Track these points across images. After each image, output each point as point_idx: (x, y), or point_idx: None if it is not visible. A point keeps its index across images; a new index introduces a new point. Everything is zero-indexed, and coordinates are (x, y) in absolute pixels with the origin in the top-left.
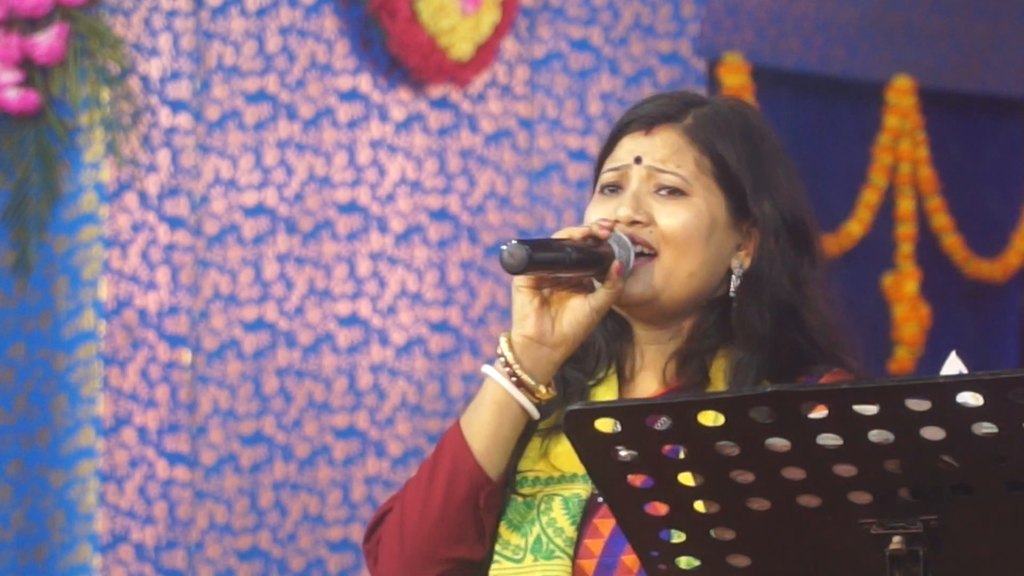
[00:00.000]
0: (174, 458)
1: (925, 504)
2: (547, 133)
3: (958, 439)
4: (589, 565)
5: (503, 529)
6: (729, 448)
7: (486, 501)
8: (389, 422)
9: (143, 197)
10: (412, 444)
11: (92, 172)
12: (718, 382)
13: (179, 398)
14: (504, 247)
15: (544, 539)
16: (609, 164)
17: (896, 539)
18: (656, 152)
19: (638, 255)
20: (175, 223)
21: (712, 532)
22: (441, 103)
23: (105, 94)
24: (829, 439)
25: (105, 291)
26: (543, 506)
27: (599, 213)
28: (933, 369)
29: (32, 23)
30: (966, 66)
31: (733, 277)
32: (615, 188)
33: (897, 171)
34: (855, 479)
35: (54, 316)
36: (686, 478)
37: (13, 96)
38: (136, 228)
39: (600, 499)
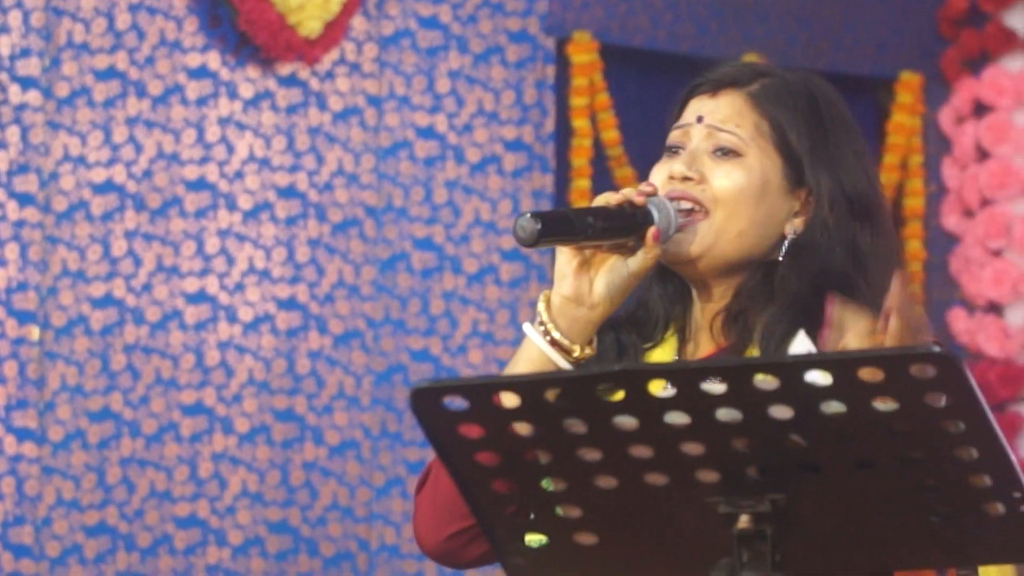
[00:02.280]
0: (22, 434)
1: (773, 483)
2: (395, 111)
3: (806, 418)
4: None
5: None
6: (576, 426)
7: None
8: (236, 399)
9: None
10: (259, 421)
11: None
12: (757, 338)
13: (27, 374)
14: (517, 220)
15: None
16: (675, 125)
17: (743, 518)
18: (718, 112)
19: (687, 211)
20: (24, 200)
21: (559, 510)
22: (290, 81)
23: None
24: (677, 417)
25: None
26: None
27: (660, 172)
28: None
29: None
30: (816, 44)
31: (785, 242)
32: (677, 149)
33: None
34: (703, 457)
35: None
36: (533, 456)
37: None
38: None
39: None
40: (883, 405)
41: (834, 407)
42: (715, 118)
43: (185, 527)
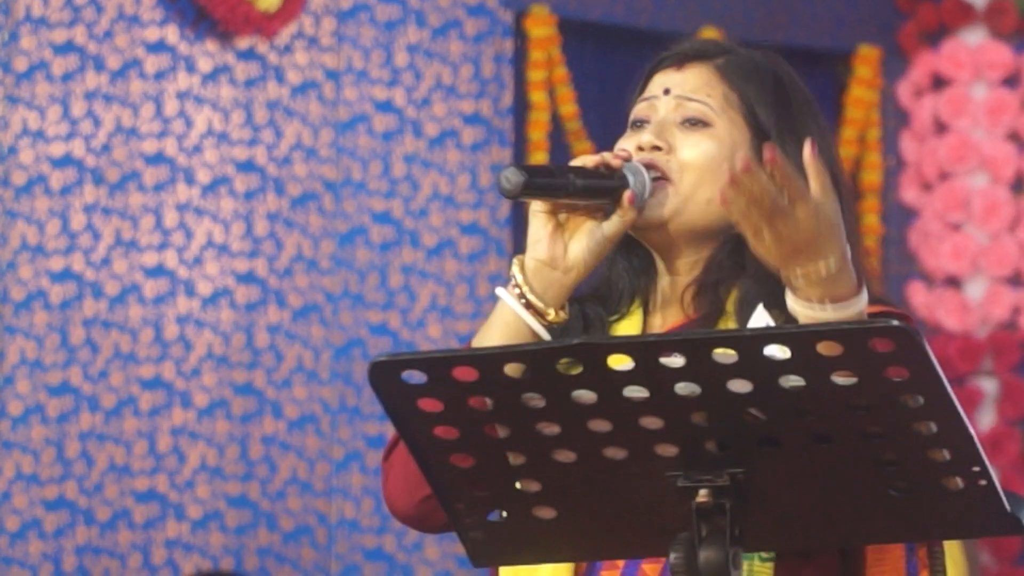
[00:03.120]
0: None
1: (732, 457)
2: (354, 84)
3: (765, 392)
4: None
5: None
6: (535, 400)
7: None
8: (195, 373)
9: None
10: (218, 395)
11: None
12: (730, 310)
13: None
14: (502, 171)
15: None
16: (640, 98)
17: (702, 492)
18: (686, 83)
19: (654, 180)
20: None
21: (518, 484)
22: (248, 55)
23: None
24: (635, 391)
25: None
26: None
27: (627, 144)
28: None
29: None
30: (773, 17)
31: None
32: (643, 122)
33: None
34: (662, 432)
35: None
36: (492, 430)
37: None
38: None
39: None
40: (842, 379)
41: (793, 381)
42: (683, 89)
43: (144, 501)
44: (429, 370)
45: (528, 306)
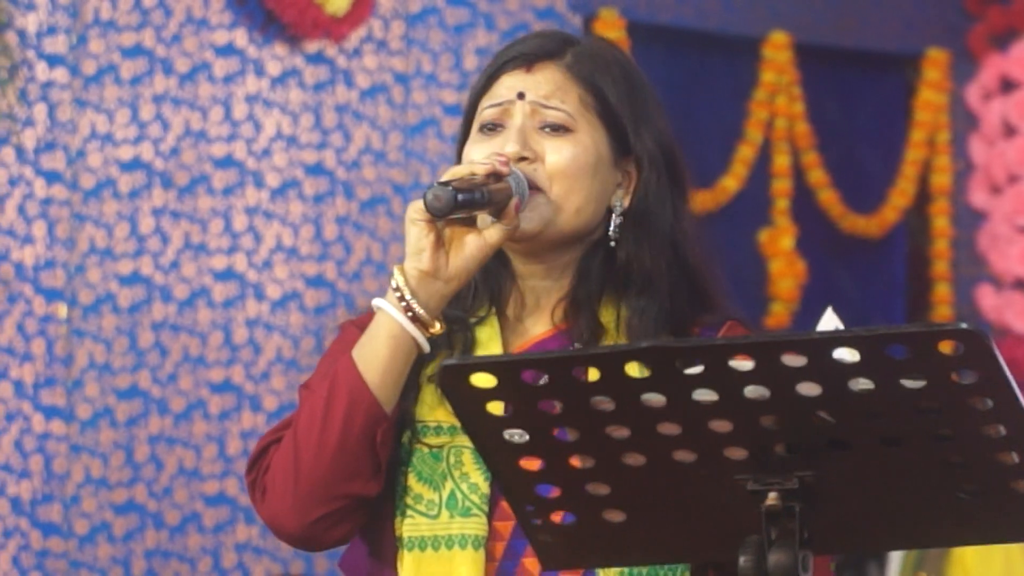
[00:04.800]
0: (50, 412)
1: (801, 460)
2: (422, 88)
3: (834, 395)
4: (506, 527)
5: (413, 482)
6: (605, 403)
7: (382, 437)
8: (264, 376)
9: (19, 151)
10: (287, 399)
11: None
12: (612, 329)
13: (55, 352)
14: (429, 191)
15: (459, 495)
16: (489, 101)
17: (772, 495)
18: (539, 88)
19: (530, 187)
20: (51, 177)
21: (587, 487)
22: (317, 58)
23: None
24: (704, 395)
25: None
26: (453, 459)
27: (481, 151)
28: (809, 325)
29: None
30: (842, 21)
31: (613, 216)
32: (496, 126)
33: (773, 127)
34: (731, 435)
35: None
36: (562, 434)
37: None
38: (12, 182)
39: None
40: (911, 382)
41: (862, 384)
42: (538, 94)
43: (214, 505)
44: (498, 373)
45: (414, 318)
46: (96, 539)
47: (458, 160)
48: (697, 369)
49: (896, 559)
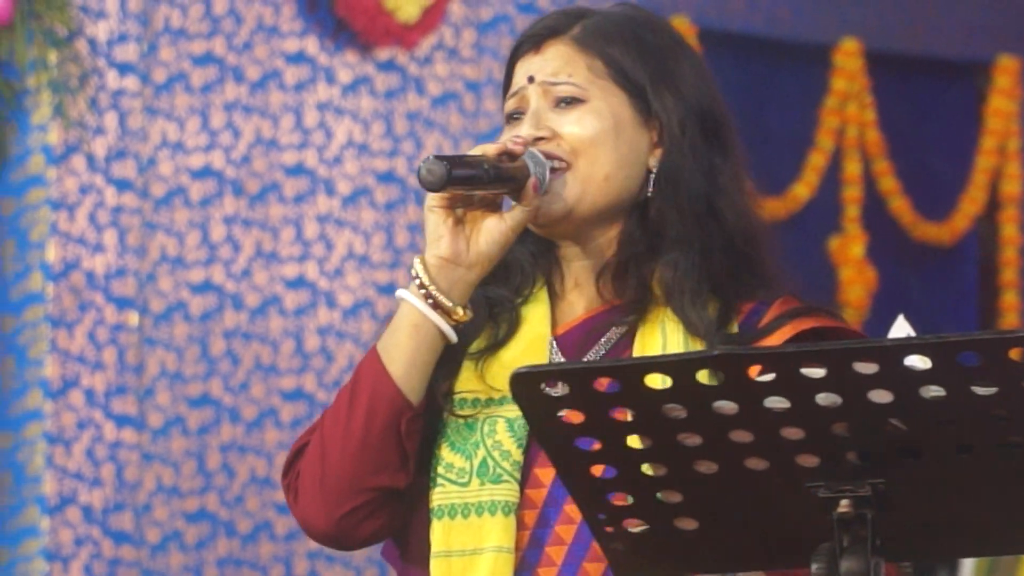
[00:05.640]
0: (121, 420)
1: (873, 467)
2: (494, 96)
3: (906, 402)
4: (539, 495)
5: (445, 451)
6: (676, 411)
7: (407, 427)
8: (336, 385)
9: (91, 160)
10: None
11: (40, 135)
12: (661, 295)
13: (126, 360)
14: (422, 164)
15: (491, 462)
16: (509, 92)
17: (844, 502)
18: (547, 67)
19: (552, 170)
20: (122, 185)
21: (659, 495)
22: (388, 66)
23: (52, 56)
24: (776, 402)
25: (53, 253)
26: (487, 428)
27: (508, 138)
28: (880, 332)
29: None
30: (913, 28)
31: (651, 177)
32: (518, 114)
33: (844, 134)
34: (803, 442)
35: (1, 278)
36: (633, 441)
37: None
38: (84, 191)
39: None
40: (982, 389)
41: (933, 391)
42: (545, 73)
43: (285, 512)
44: (571, 381)
45: (435, 306)
46: (168, 547)
47: None
48: (769, 377)
49: (968, 566)
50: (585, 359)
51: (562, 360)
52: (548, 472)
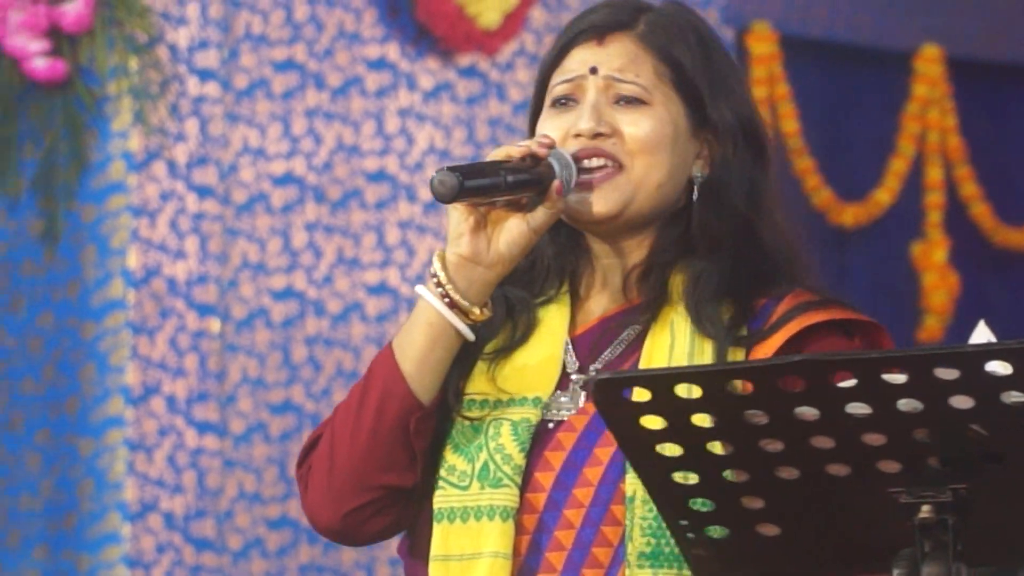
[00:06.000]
0: (203, 427)
1: (954, 473)
2: None
3: (987, 408)
4: (539, 499)
5: (448, 453)
6: (758, 417)
7: (416, 426)
8: None
9: (171, 166)
10: None
11: (120, 141)
12: (676, 296)
13: (208, 367)
14: (435, 175)
15: (492, 466)
16: (560, 76)
17: (925, 508)
18: (612, 61)
19: (599, 168)
20: (203, 192)
21: (741, 501)
22: (469, 72)
23: (133, 63)
24: (858, 408)
25: (134, 260)
26: (491, 431)
27: (554, 127)
28: (962, 338)
29: None
30: (994, 35)
31: (695, 187)
32: (568, 100)
33: (925, 140)
34: (884, 448)
35: (83, 285)
36: (715, 447)
37: (41, 65)
38: (165, 197)
39: (551, 425)
40: None
41: (1015, 397)
42: (611, 67)
43: None
44: (652, 387)
45: (452, 305)
46: (250, 554)
47: (530, 135)
48: (850, 383)
49: None
50: (600, 359)
51: (575, 361)
52: (549, 476)
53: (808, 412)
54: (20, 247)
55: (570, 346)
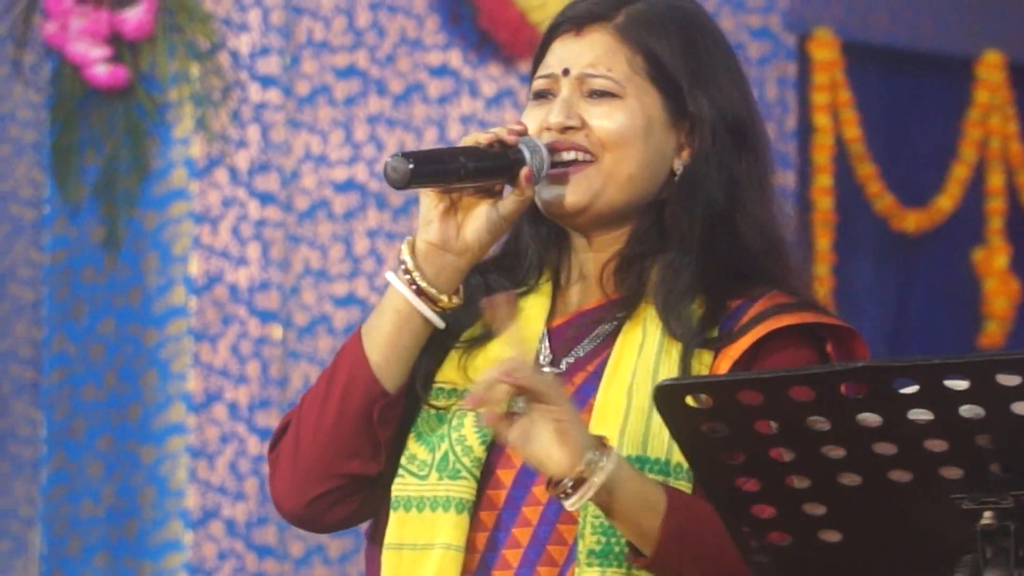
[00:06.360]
0: (265, 434)
1: (1016, 479)
2: None
3: None
4: (499, 496)
5: (411, 442)
6: (820, 423)
7: (381, 414)
8: None
9: (233, 173)
10: None
11: (182, 148)
12: (650, 294)
13: (270, 374)
14: (388, 159)
15: (452, 457)
16: (540, 70)
17: (987, 514)
18: (585, 56)
19: (572, 162)
20: (265, 199)
21: (803, 507)
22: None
23: (194, 69)
24: (920, 414)
25: (195, 267)
26: (455, 422)
27: (531, 118)
28: None
29: None
30: None
31: (675, 179)
32: (546, 94)
33: (987, 146)
34: (946, 454)
35: (144, 292)
36: (777, 454)
37: (102, 72)
38: (226, 204)
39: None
40: None
41: None
42: (583, 63)
43: None
44: (714, 394)
45: (419, 292)
46: (311, 561)
47: None
48: (912, 389)
49: None
50: (573, 353)
51: (549, 354)
52: (510, 473)
53: (871, 418)
54: (82, 254)
55: (546, 338)
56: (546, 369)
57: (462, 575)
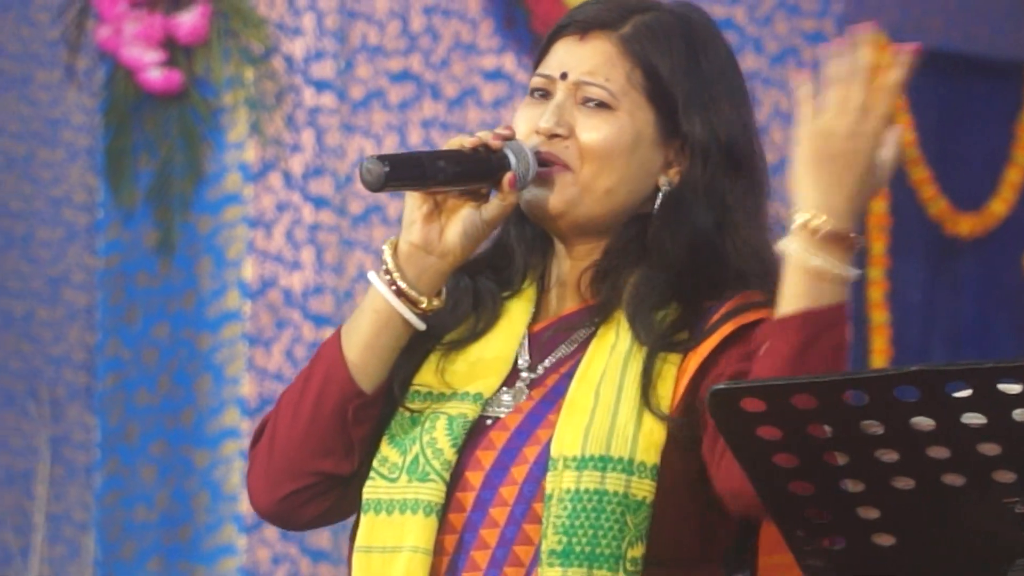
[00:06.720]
0: None
1: None
2: None
3: None
4: (468, 498)
5: (384, 444)
6: (874, 427)
7: (355, 414)
8: None
9: (287, 177)
10: None
11: (236, 152)
12: (623, 304)
13: None
14: (363, 161)
15: (422, 460)
16: (540, 69)
17: None
18: (585, 63)
19: (547, 166)
20: (320, 203)
21: (857, 511)
22: None
23: (249, 74)
24: (973, 418)
25: (250, 271)
26: (427, 424)
27: (525, 117)
28: None
29: (175, 3)
30: None
31: (660, 195)
32: (544, 93)
33: None
34: (999, 458)
35: (198, 296)
36: (831, 457)
37: (156, 76)
38: (281, 208)
39: (488, 422)
40: None
41: None
42: (583, 69)
43: None
44: (768, 398)
45: (399, 293)
46: None
47: None
48: (965, 392)
49: None
50: (550, 357)
51: (527, 358)
52: (479, 476)
53: (924, 422)
54: (135, 258)
55: (527, 342)
56: (523, 374)
57: None
